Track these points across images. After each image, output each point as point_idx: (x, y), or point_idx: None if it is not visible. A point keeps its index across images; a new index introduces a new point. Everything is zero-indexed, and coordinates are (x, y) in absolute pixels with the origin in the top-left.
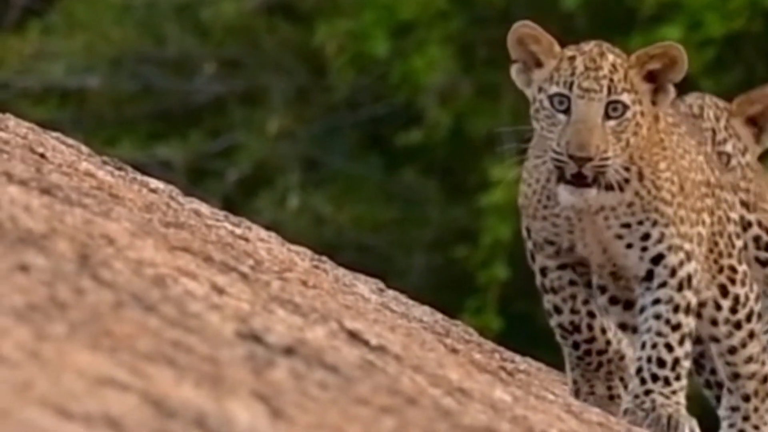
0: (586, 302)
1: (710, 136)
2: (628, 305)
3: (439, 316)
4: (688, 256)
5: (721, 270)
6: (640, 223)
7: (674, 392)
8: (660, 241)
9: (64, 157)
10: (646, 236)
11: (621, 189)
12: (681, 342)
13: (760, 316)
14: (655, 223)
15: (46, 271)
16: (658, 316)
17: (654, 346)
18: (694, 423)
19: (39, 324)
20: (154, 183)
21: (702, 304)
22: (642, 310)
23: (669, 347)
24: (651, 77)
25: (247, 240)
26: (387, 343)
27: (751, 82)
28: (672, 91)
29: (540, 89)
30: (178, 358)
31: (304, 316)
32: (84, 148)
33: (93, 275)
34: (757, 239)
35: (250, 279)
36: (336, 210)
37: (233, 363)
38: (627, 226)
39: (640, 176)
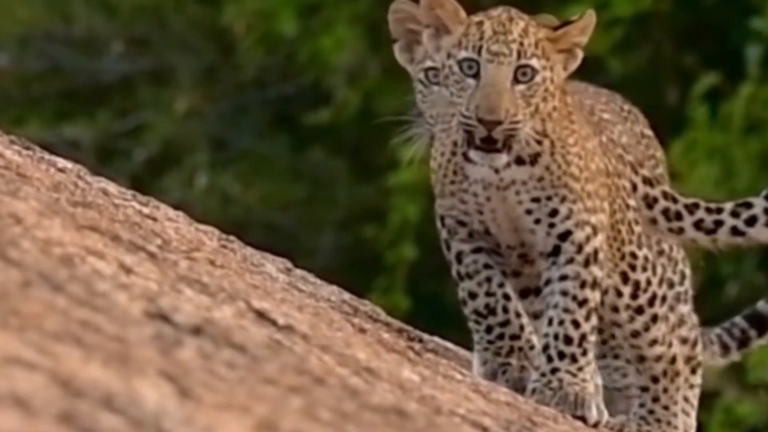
0: (501, 285)
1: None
2: (539, 293)
3: (347, 295)
4: (595, 230)
5: (622, 257)
6: (549, 198)
7: (581, 369)
8: (568, 217)
9: None
10: (554, 212)
11: (533, 163)
12: (587, 317)
13: (665, 298)
14: (563, 199)
15: None
16: (564, 293)
17: (561, 322)
18: (600, 400)
19: None
20: (61, 162)
21: (604, 292)
22: (548, 283)
23: (576, 323)
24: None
25: (155, 219)
26: (294, 323)
27: (658, 62)
28: (580, 56)
29: (449, 55)
30: (86, 337)
31: (211, 295)
32: None
33: (0, 254)
34: (665, 212)
35: (158, 258)
36: (244, 189)
37: (141, 342)
38: (536, 200)
39: (552, 150)
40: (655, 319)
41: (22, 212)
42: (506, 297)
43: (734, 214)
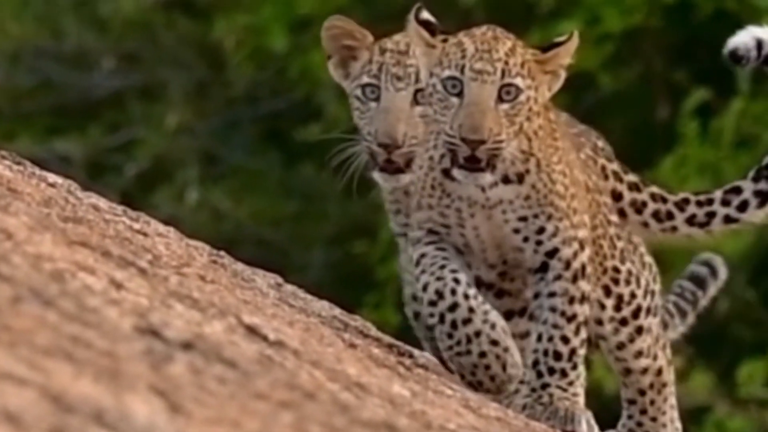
0: (453, 271)
1: (414, 72)
2: (524, 314)
3: (338, 311)
4: (582, 245)
5: (605, 271)
6: (536, 216)
7: (571, 383)
8: (554, 234)
9: None
10: (541, 230)
11: (520, 181)
12: (576, 332)
13: (650, 310)
14: (549, 217)
15: None
16: (553, 309)
17: (550, 338)
18: (590, 415)
19: None
20: (52, 177)
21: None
22: (536, 297)
23: (565, 339)
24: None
25: (145, 235)
26: (285, 338)
27: (649, 78)
28: (563, 76)
29: (432, 74)
30: (77, 352)
31: (202, 311)
32: None
33: None
34: (656, 214)
35: (149, 274)
36: (235, 205)
37: (131, 358)
38: (524, 219)
39: (538, 168)
40: (639, 331)
41: (13, 227)
42: (456, 281)
43: (725, 202)
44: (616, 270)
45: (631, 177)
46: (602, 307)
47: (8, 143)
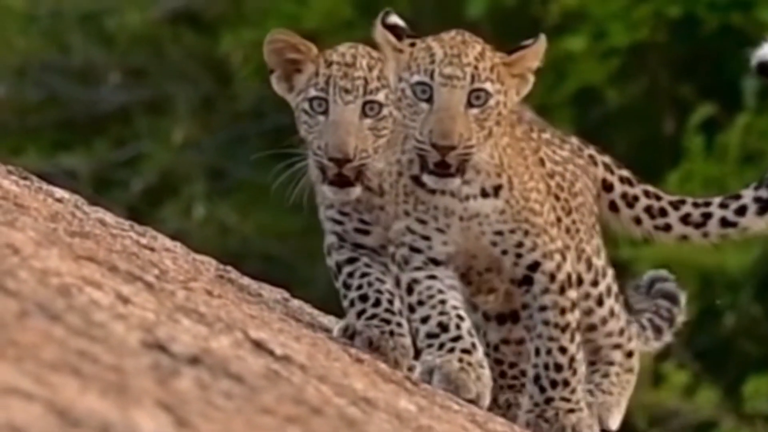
0: (455, 307)
1: (362, 85)
2: (517, 319)
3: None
4: (563, 256)
5: (588, 241)
6: (513, 231)
7: (573, 391)
8: (533, 249)
9: None
10: (519, 244)
11: (496, 195)
12: (572, 339)
13: (618, 296)
14: (526, 233)
15: None
16: (546, 322)
17: (548, 351)
18: (595, 423)
19: None
20: (59, 192)
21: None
22: (529, 314)
23: (563, 350)
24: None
25: (152, 249)
26: (292, 353)
27: (655, 92)
28: (531, 81)
29: (401, 79)
30: (83, 367)
31: (209, 325)
32: None
33: None
34: (648, 209)
35: (155, 288)
36: (242, 219)
37: (138, 372)
38: (500, 233)
39: (511, 185)
40: (612, 313)
41: (20, 242)
42: (459, 317)
43: (723, 205)
44: (593, 243)
45: (624, 172)
46: (580, 282)
47: (15, 158)
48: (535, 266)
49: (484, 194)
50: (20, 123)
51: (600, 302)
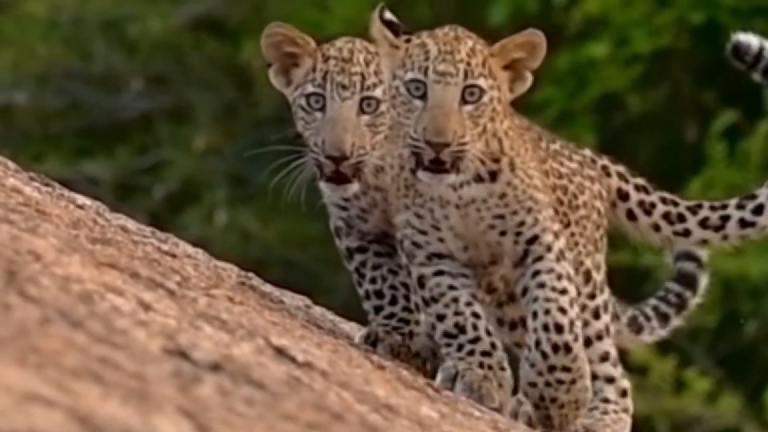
0: (469, 304)
1: (359, 81)
2: (513, 326)
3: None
4: (556, 235)
5: (587, 255)
6: (515, 212)
7: (575, 359)
8: (534, 224)
9: None
10: (521, 223)
11: (492, 179)
12: (571, 304)
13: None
14: (529, 210)
15: None
16: (542, 285)
17: (547, 312)
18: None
19: None
20: (81, 199)
21: None
22: (525, 289)
23: (562, 310)
24: (509, 65)
25: (174, 256)
26: (313, 360)
27: (677, 99)
28: (529, 79)
29: (395, 76)
30: (105, 374)
31: (230, 332)
32: (11, 164)
33: (20, 291)
34: (667, 216)
35: (177, 295)
36: (263, 226)
37: (160, 379)
38: (500, 217)
39: (512, 166)
40: (608, 331)
41: (42, 249)
42: (475, 315)
43: (740, 206)
44: (594, 257)
45: (639, 180)
46: (578, 293)
47: (37, 165)
48: (533, 239)
49: (478, 179)
50: (42, 130)
51: (596, 315)
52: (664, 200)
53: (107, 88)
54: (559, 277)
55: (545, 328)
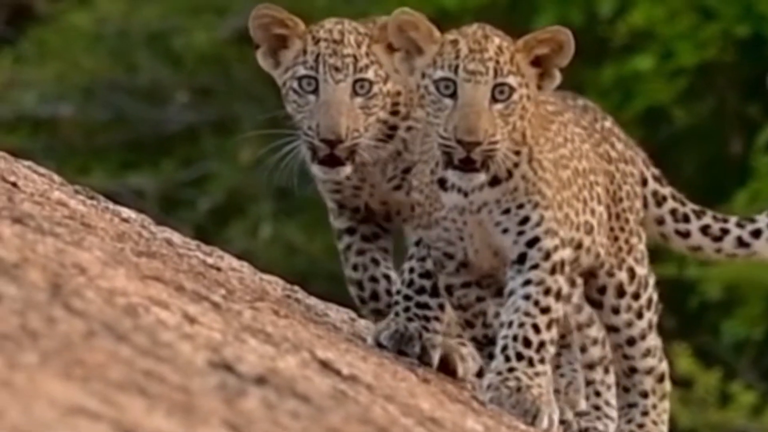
0: (497, 315)
1: (352, 63)
2: None
3: None
4: (563, 243)
5: (630, 250)
6: (521, 206)
7: (537, 374)
8: (538, 224)
9: (36, 186)
10: (525, 220)
11: (509, 176)
12: (549, 326)
13: (655, 306)
14: (536, 206)
15: (17, 300)
16: (527, 297)
17: (521, 325)
18: (555, 410)
19: (10, 353)
20: (126, 212)
21: (602, 290)
22: (511, 292)
23: (536, 328)
24: (537, 62)
25: (219, 269)
26: (359, 373)
27: (723, 112)
28: (558, 77)
29: (424, 75)
30: (150, 387)
31: (275, 345)
32: (56, 177)
33: (65, 304)
34: (673, 212)
35: (222, 308)
36: (308, 239)
37: (205, 392)
38: (507, 211)
39: (530, 157)
40: (651, 326)
41: (87, 262)
42: (505, 325)
43: (739, 225)
44: (637, 250)
45: (656, 170)
46: (622, 294)
47: (82, 178)
48: (533, 242)
49: (494, 182)
50: (87, 143)
51: (640, 315)
52: (674, 197)
53: (152, 101)
54: (547, 293)
55: (514, 338)
